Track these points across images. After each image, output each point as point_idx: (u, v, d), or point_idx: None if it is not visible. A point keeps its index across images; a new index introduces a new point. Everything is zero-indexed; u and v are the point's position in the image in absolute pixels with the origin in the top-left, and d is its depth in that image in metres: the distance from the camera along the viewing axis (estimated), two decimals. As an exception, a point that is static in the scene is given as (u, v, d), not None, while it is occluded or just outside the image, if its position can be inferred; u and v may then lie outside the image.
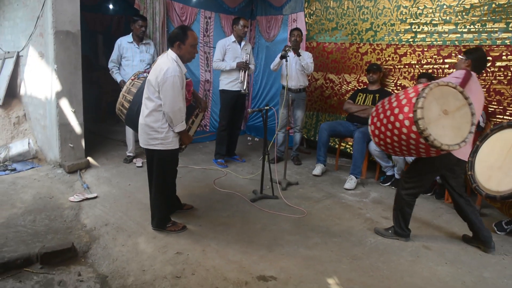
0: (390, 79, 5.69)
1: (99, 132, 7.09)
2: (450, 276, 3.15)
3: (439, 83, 2.86)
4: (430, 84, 2.85)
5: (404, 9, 5.31)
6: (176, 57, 3.35)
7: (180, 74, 3.30)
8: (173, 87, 3.23)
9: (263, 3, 7.36)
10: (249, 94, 7.74)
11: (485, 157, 2.11)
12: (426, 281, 3.07)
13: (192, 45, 3.38)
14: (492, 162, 2.03)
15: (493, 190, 1.94)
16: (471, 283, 3.07)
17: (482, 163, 2.11)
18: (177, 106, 3.31)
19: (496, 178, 1.96)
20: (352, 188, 5.05)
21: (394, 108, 3.03)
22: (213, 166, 5.71)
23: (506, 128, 2.05)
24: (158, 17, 5.88)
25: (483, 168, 2.09)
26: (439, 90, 2.83)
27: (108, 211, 4.00)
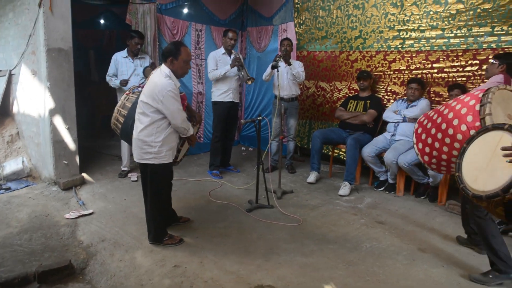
0: (381, 85, 5.76)
1: (93, 148, 7.10)
2: (445, 278, 3.18)
3: (498, 87, 2.72)
4: (491, 89, 2.70)
5: (392, 16, 5.40)
6: (169, 72, 3.39)
7: (175, 88, 3.35)
8: (173, 100, 3.30)
9: (254, 14, 7.43)
10: (241, 105, 7.79)
11: (472, 158, 2.14)
12: (422, 284, 3.10)
13: (185, 61, 3.43)
14: (478, 164, 2.06)
15: (480, 190, 1.97)
16: (466, 284, 3.10)
17: (469, 164, 2.15)
18: (183, 116, 3.43)
19: (482, 179, 1.99)
20: (346, 194, 5.08)
21: (451, 119, 2.83)
22: (208, 177, 5.74)
23: (491, 130, 2.09)
24: (150, 32, 5.93)
25: (470, 169, 2.12)
26: (500, 94, 2.69)
27: (105, 226, 4.00)
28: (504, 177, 1.85)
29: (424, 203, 4.90)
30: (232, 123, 5.91)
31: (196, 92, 6.92)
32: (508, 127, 1.97)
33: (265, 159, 5.30)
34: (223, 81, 5.59)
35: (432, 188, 4.96)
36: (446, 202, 4.71)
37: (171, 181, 3.88)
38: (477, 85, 4.75)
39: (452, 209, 4.59)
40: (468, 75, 4.83)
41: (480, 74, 4.70)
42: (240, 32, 7.56)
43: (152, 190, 3.55)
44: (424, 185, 5.05)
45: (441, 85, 5.12)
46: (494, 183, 1.89)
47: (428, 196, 5.03)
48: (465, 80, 4.86)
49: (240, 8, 7.47)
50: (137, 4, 5.85)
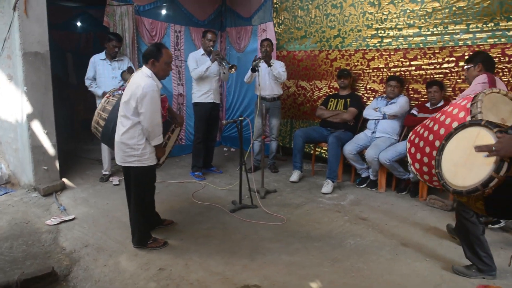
0: (360, 83, 5.82)
1: (73, 152, 7.00)
2: (428, 271, 3.24)
3: (485, 93, 2.69)
4: (478, 96, 2.65)
5: (369, 15, 5.46)
6: (151, 73, 3.37)
7: (157, 89, 3.33)
8: (151, 102, 3.26)
9: (232, 15, 7.43)
10: (222, 106, 7.78)
11: (451, 155, 2.17)
12: (406, 278, 3.14)
13: (166, 63, 3.41)
14: (457, 160, 2.10)
15: (459, 186, 2.00)
16: (448, 275, 3.17)
17: (448, 160, 2.18)
18: (156, 120, 3.34)
19: (462, 174, 2.02)
20: (329, 192, 5.12)
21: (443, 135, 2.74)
22: (191, 179, 5.71)
23: (468, 127, 2.12)
24: (128, 34, 5.87)
25: (449, 165, 2.15)
26: (488, 100, 2.66)
27: (87, 232, 3.95)
28: (483, 172, 1.88)
29: (405, 199, 4.97)
30: (213, 124, 5.89)
31: (177, 94, 6.88)
32: (485, 123, 2.00)
33: (247, 159, 5.31)
34: (204, 82, 5.57)
35: (413, 183, 5.03)
36: (427, 197, 4.78)
37: (155, 184, 3.86)
38: (454, 81, 4.85)
39: (433, 204, 4.67)
40: (445, 72, 4.92)
41: (457, 71, 4.80)
42: (219, 32, 7.55)
43: (135, 193, 3.52)
44: (405, 181, 5.13)
45: (419, 82, 5.21)
46: (473, 178, 1.93)
47: (409, 192, 5.10)
48: (442, 77, 4.95)
49: (218, 9, 7.46)
50: (114, 6, 5.78)
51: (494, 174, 1.81)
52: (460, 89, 4.81)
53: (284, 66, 5.91)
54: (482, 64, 3.49)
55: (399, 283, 3.08)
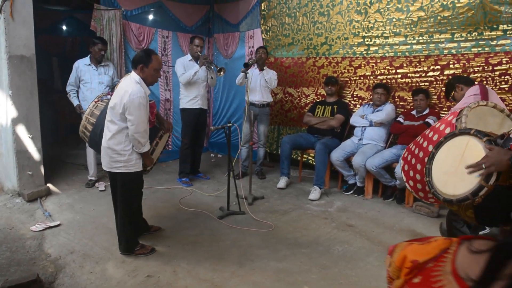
0: (347, 91, 5.87)
1: (59, 157, 6.91)
2: (415, 278, 3.26)
3: (470, 107, 2.65)
4: (463, 111, 2.62)
5: (356, 23, 5.52)
6: (139, 79, 3.35)
7: (145, 96, 3.31)
8: (139, 108, 3.24)
9: (220, 21, 7.44)
10: (209, 112, 7.77)
11: (441, 163, 2.19)
12: (393, 285, 3.16)
13: (155, 69, 3.40)
14: (447, 168, 2.11)
15: (450, 194, 2.02)
16: (435, 283, 3.20)
17: (439, 169, 2.19)
18: (143, 128, 3.31)
19: (452, 183, 2.04)
20: (316, 199, 5.13)
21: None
22: (178, 185, 5.68)
23: (458, 136, 2.15)
24: (115, 38, 5.84)
25: (440, 174, 2.17)
26: (474, 115, 2.62)
27: (73, 238, 3.90)
28: (473, 181, 1.90)
29: (392, 205, 5.01)
30: (200, 130, 5.88)
31: (164, 99, 6.86)
32: (474, 132, 2.03)
33: (235, 165, 5.30)
34: (191, 87, 5.56)
35: (399, 190, 5.07)
36: (413, 204, 4.82)
37: (142, 190, 3.83)
38: (439, 89, 4.92)
39: (419, 210, 4.71)
40: (431, 80, 5.00)
41: (442, 79, 4.87)
42: (207, 38, 7.55)
43: (122, 199, 3.49)
44: (392, 188, 5.17)
45: (405, 90, 5.27)
46: (464, 187, 1.94)
47: (395, 198, 5.14)
48: (427, 85, 5.03)
49: (206, 15, 7.47)
50: (102, 11, 5.76)
51: (483, 183, 1.83)
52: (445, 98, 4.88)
53: (276, 75, 5.98)
54: (460, 83, 3.55)
55: (387, 289, 3.10)
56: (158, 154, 3.92)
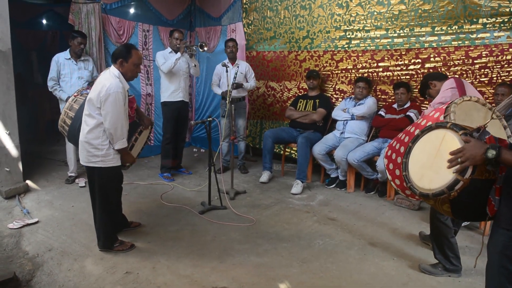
0: (329, 84, 5.87)
1: (38, 153, 6.79)
2: (395, 270, 3.29)
3: (456, 103, 2.61)
4: (450, 108, 2.57)
5: (338, 16, 5.51)
6: (118, 74, 3.32)
7: (123, 91, 3.26)
8: (115, 103, 3.20)
9: (202, 14, 7.36)
10: (192, 106, 7.71)
11: (417, 157, 2.18)
12: (373, 277, 3.18)
13: (135, 64, 3.37)
14: (423, 162, 2.10)
15: (426, 188, 2.01)
16: (415, 274, 3.23)
17: (415, 163, 2.18)
18: (119, 123, 3.26)
19: (428, 177, 2.03)
20: (299, 193, 5.13)
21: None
22: (160, 180, 5.63)
23: (434, 129, 2.14)
24: (94, 32, 5.73)
25: (416, 168, 2.16)
26: (461, 111, 2.60)
27: (51, 235, 3.84)
28: (449, 175, 1.90)
29: (374, 198, 5.03)
30: (182, 124, 5.82)
31: (145, 94, 6.77)
32: (450, 125, 2.02)
33: (216, 160, 5.27)
34: (172, 80, 5.50)
35: (381, 183, 5.10)
36: (395, 197, 4.85)
37: (121, 185, 3.79)
38: (420, 83, 4.94)
39: (400, 203, 4.75)
40: (412, 74, 5.02)
41: (423, 72, 4.89)
42: (188, 32, 7.48)
43: (100, 194, 3.44)
44: (373, 181, 5.20)
45: (386, 83, 5.29)
46: (440, 181, 1.93)
47: (377, 191, 5.17)
48: (409, 78, 5.05)
49: (188, 8, 7.37)
50: (80, 4, 5.64)
51: (459, 177, 1.83)
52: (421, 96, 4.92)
53: (251, 69, 5.98)
54: (433, 80, 3.58)
55: (368, 282, 3.11)
56: (139, 150, 3.87)
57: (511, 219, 1.79)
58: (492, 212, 1.87)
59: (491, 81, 4.35)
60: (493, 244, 1.90)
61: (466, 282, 3.14)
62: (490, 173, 1.85)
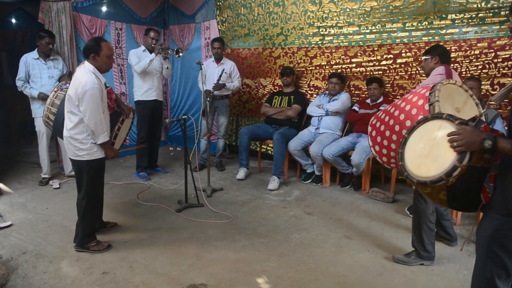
0: (303, 81, 5.92)
1: (10, 156, 6.66)
2: (370, 261, 3.35)
3: (442, 83, 2.76)
4: (436, 86, 2.72)
5: (311, 13, 5.56)
6: (93, 69, 3.34)
7: (99, 86, 3.28)
8: (92, 99, 3.23)
9: (175, 12, 7.31)
10: (167, 105, 7.66)
11: (413, 147, 2.23)
12: (349, 269, 3.24)
13: (107, 56, 3.38)
14: (420, 152, 2.15)
15: (423, 176, 2.05)
16: (389, 265, 3.30)
17: (411, 153, 2.23)
18: (98, 118, 3.30)
19: (425, 166, 2.08)
20: (275, 189, 5.17)
21: (403, 120, 2.87)
22: (136, 180, 5.59)
23: (430, 120, 2.20)
24: (65, 31, 5.62)
25: (413, 157, 2.20)
26: (445, 90, 2.74)
27: (25, 238, 3.78)
28: (446, 162, 1.93)
29: (349, 192, 5.11)
30: (157, 123, 5.78)
31: (119, 93, 6.69)
32: (446, 116, 2.06)
33: (193, 158, 5.26)
34: (145, 79, 5.46)
35: (356, 177, 5.18)
36: (370, 190, 4.93)
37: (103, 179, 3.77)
38: (393, 78, 5.04)
39: (375, 196, 4.83)
40: (384, 69, 5.11)
41: (395, 68, 4.98)
42: (162, 30, 7.42)
43: (88, 187, 3.47)
44: (349, 175, 5.27)
45: (360, 78, 5.37)
46: (437, 168, 1.97)
47: (352, 185, 5.25)
48: (381, 74, 5.13)
49: (161, 6, 7.30)
50: (50, 2, 5.52)
51: (457, 163, 1.86)
52: (398, 85, 5.01)
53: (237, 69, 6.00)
54: (439, 57, 3.64)
55: (343, 274, 3.16)
56: (123, 137, 3.94)
57: (505, 204, 1.83)
58: (487, 199, 1.92)
59: (460, 75, 4.45)
60: (484, 229, 1.95)
61: (439, 270, 3.22)
62: (485, 161, 1.90)
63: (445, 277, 3.15)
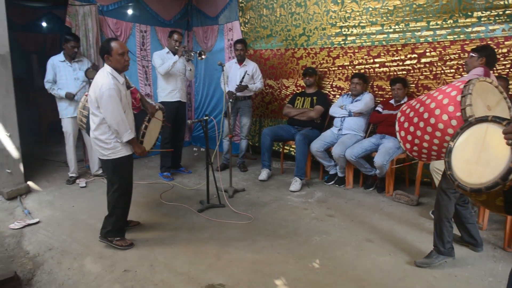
0: (326, 81, 5.88)
1: (40, 155, 6.85)
2: (391, 266, 3.29)
3: (479, 79, 2.78)
4: (471, 80, 2.75)
5: (333, 13, 5.51)
6: (111, 70, 3.40)
7: (115, 87, 3.33)
8: (110, 100, 3.30)
9: (199, 14, 7.38)
10: (191, 105, 7.74)
11: (460, 154, 2.12)
12: (369, 273, 3.19)
13: (119, 54, 3.38)
14: (468, 158, 2.04)
15: (477, 184, 1.94)
16: (411, 269, 3.23)
17: (459, 160, 2.12)
18: (119, 117, 3.36)
19: (477, 172, 1.96)
20: (297, 190, 5.15)
21: (433, 109, 2.89)
22: (159, 180, 5.67)
23: (474, 125, 2.12)
24: (91, 34, 5.75)
25: (461, 165, 2.09)
26: (480, 86, 2.75)
27: (52, 235, 3.88)
28: (500, 165, 1.82)
29: (372, 195, 5.04)
30: (180, 124, 5.83)
31: (144, 94, 6.79)
32: (492, 118, 1.98)
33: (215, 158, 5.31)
34: (169, 80, 5.54)
35: (380, 179, 5.10)
36: (393, 192, 4.86)
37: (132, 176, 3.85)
38: (417, 78, 4.95)
39: (398, 199, 4.75)
40: (408, 69, 5.02)
41: (419, 67, 4.89)
42: (186, 32, 7.50)
43: (118, 184, 3.57)
44: (372, 177, 5.20)
45: (383, 79, 5.29)
46: (491, 173, 1.87)
47: (376, 188, 5.17)
48: (405, 74, 5.05)
49: (184, 8, 7.39)
50: (76, 6, 5.67)
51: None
52: (423, 86, 4.92)
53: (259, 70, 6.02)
54: (486, 59, 3.59)
55: (363, 278, 3.12)
56: (154, 138, 4.08)
57: None
58: None
59: (486, 74, 4.34)
60: None
61: (463, 276, 3.14)
62: None
63: (469, 283, 3.07)
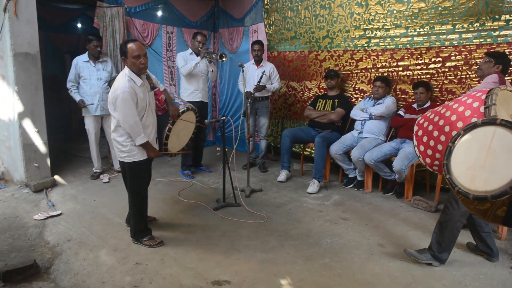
0: (349, 84, 5.85)
1: (68, 150, 7.12)
2: (400, 271, 3.26)
3: (500, 88, 2.66)
4: (493, 90, 2.63)
5: (357, 15, 5.49)
6: (128, 72, 3.44)
7: (130, 90, 3.35)
8: (124, 103, 3.34)
9: (225, 16, 7.48)
10: (216, 106, 7.84)
11: (462, 158, 1.96)
12: (377, 277, 3.17)
13: (134, 57, 3.37)
14: (472, 162, 1.88)
15: (481, 191, 1.83)
16: (420, 276, 3.19)
17: (460, 164, 2.00)
18: (132, 121, 3.40)
19: (482, 178, 1.81)
20: (314, 192, 5.14)
21: (454, 121, 2.76)
22: (180, 177, 5.78)
23: (479, 127, 1.99)
24: (119, 35, 5.92)
25: (462, 169, 1.95)
26: (502, 96, 2.63)
27: (72, 227, 4.04)
28: (509, 173, 1.75)
29: (391, 199, 4.98)
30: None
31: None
32: (501, 122, 1.90)
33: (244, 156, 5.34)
34: (191, 81, 5.65)
35: (399, 184, 5.03)
36: (412, 198, 4.78)
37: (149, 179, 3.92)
38: (441, 82, 4.86)
39: (417, 205, 4.67)
40: (432, 73, 4.94)
41: (444, 71, 4.80)
42: (212, 33, 7.62)
43: (130, 187, 3.67)
44: (392, 182, 5.13)
45: (406, 82, 5.22)
46: (498, 180, 1.78)
47: (395, 193, 5.11)
48: (429, 78, 4.97)
49: (211, 10, 7.51)
50: (104, 8, 5.85)
51: None
52: (447, 90, 4.83)
53: (276, 71, 6.04)
54: (502, 66, 3.52)
55: (370, 282, 3.11)
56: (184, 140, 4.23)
57: None
58: None
59: (512, 80, 4.24)
60: None
61: (474, 286, 3.07)
62: None
63: (479, 293, 3.01)
